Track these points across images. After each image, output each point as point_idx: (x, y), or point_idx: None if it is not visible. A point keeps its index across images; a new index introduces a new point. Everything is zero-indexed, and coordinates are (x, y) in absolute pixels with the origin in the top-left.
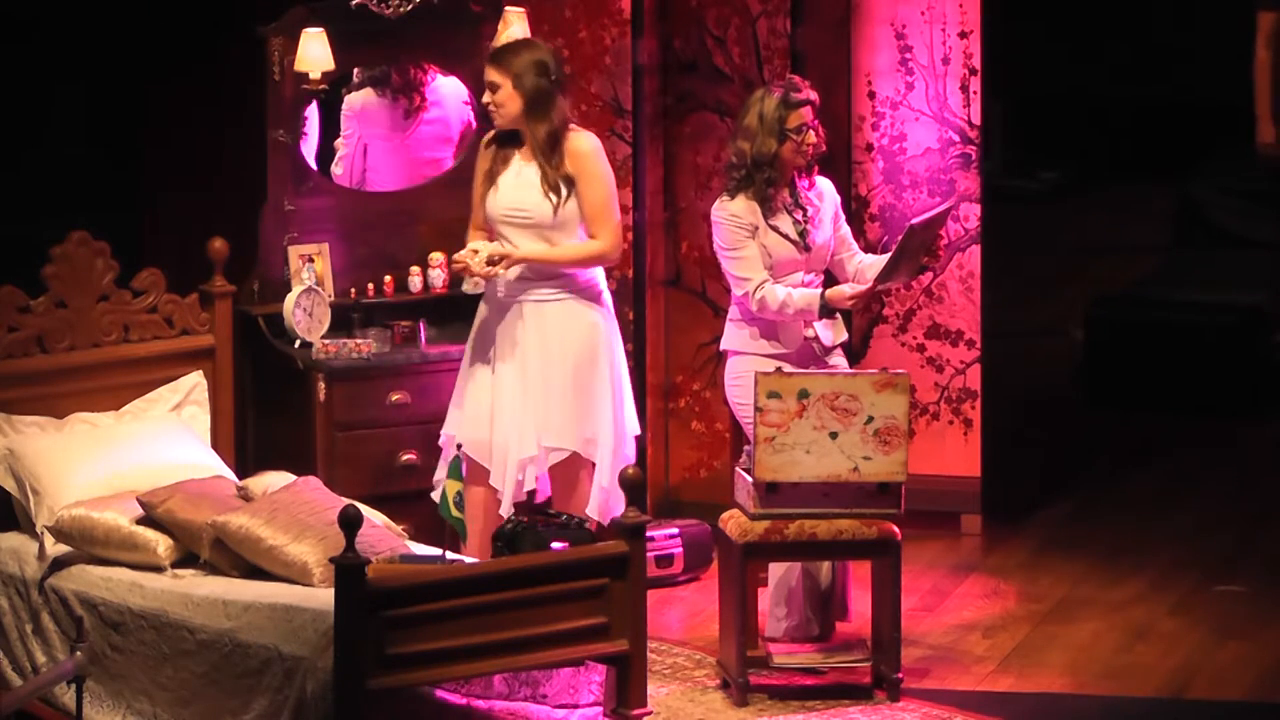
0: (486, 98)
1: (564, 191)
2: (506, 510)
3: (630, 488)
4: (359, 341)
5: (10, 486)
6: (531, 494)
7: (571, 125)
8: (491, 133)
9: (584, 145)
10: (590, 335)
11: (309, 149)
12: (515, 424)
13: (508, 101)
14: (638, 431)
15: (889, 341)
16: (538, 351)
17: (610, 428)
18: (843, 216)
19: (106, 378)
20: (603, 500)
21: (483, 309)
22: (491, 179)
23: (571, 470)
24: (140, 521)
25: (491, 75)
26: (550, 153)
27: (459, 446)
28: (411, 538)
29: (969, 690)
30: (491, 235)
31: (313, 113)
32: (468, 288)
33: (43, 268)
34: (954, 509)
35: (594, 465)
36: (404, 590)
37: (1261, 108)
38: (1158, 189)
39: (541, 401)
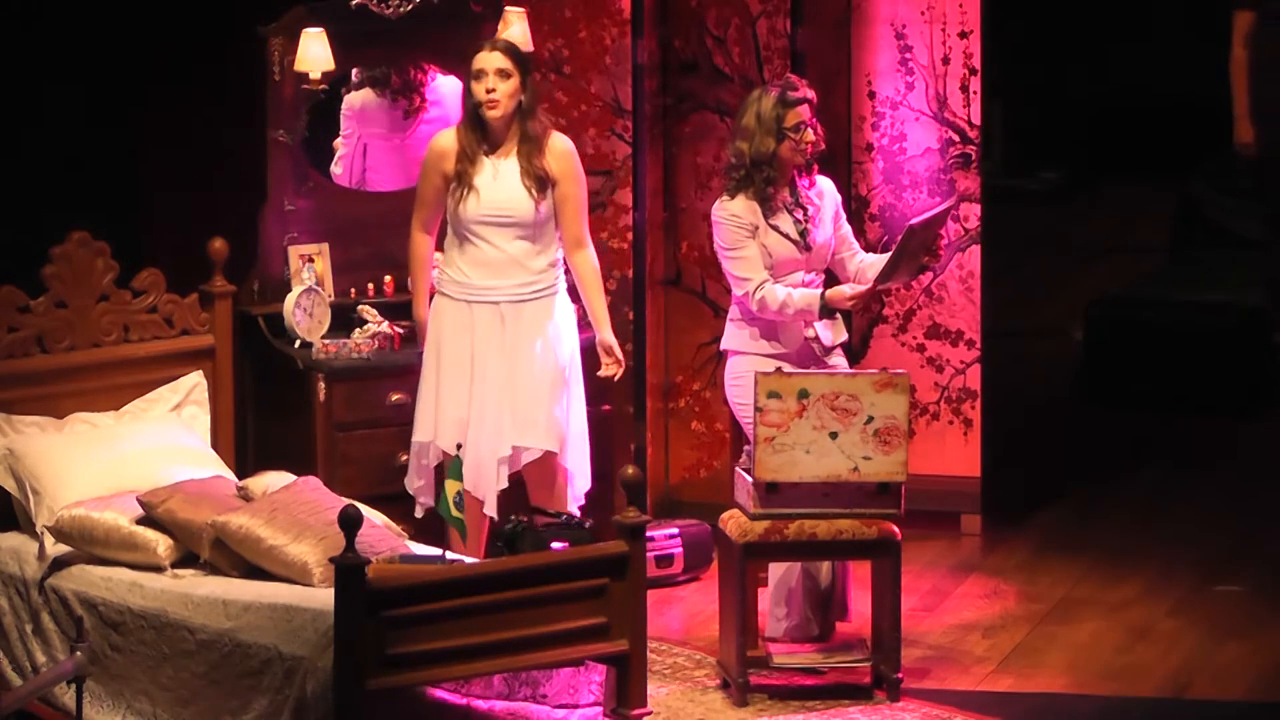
0: (494, 83)
1: (544, 188)
2: (490, 511)
3: (630, 488)
4: (359, 341)
5: (10, 486)
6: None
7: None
8: (447, 132)
9: (566, 146)
10: (565, 333)
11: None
12: (495, 425)
13: (515, 94)
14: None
15: (889, 341)
16: (519, 351)
17: (569, 424)
18: (844, 216)
19: (106, 378)
20: (575, 495)
21: (447, 308)
22: (462, 181)
23: (547, 468)
24: (140, 521)
25: (506, 64)
26: (534, 151)
27: (459, 447)
28: (411, 538)
29: (969, 690)
30: (442, 237)
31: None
32: None
33: (43, 268)
34: (954, 509)
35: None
36: (404, 590)
37: (1240, 107)
38: (1158, 189)
39: (519, 401)
